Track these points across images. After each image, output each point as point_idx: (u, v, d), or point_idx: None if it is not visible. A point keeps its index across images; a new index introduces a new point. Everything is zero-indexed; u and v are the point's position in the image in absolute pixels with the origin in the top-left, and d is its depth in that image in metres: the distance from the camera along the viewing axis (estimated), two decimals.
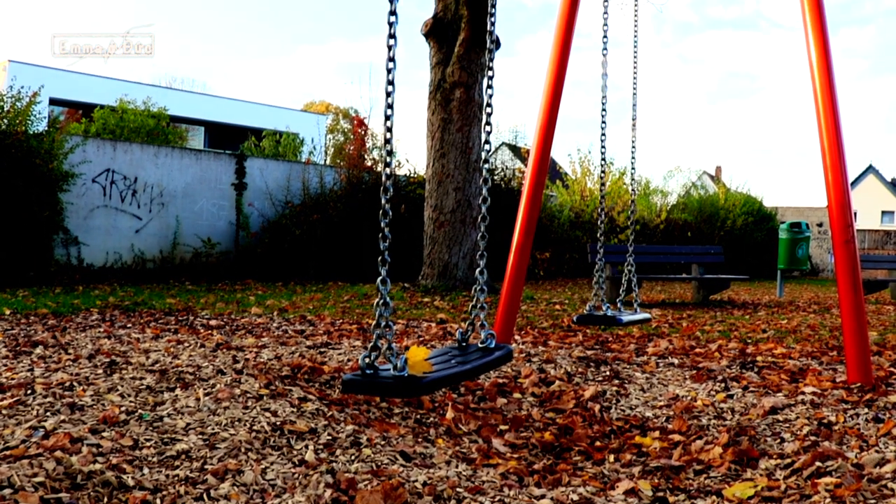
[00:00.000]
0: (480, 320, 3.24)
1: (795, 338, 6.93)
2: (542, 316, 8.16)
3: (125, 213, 11.26)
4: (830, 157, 4.61)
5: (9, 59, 24.60)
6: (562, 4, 5.60)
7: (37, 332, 5.48)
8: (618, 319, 5.08)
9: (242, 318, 6.92)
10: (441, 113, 10.24)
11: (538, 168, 5.54)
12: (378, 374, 2.62)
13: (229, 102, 32.00)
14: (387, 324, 2.68)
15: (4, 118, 9.49)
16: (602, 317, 5.06)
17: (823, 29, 4.72)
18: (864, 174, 56.60)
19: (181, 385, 3.63)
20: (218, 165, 12.44)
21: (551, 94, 5.56)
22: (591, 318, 5.11)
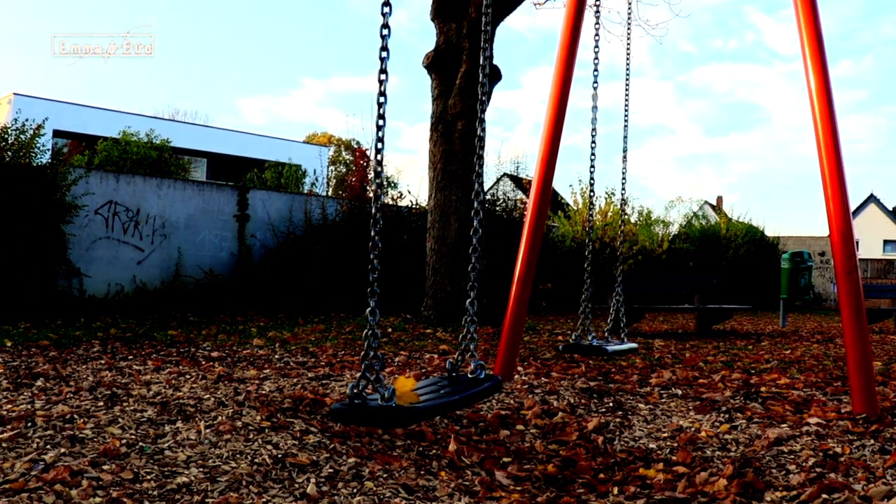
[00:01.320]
0: (470, 350, 3.24)
1: (799, 368, 6.90)
2: (544, 347, 8.13)
3: (127, 244, 11.27)
4: (831, 186, 4.62)
5: (13, 93, 24.81)
6: (561, 38, 5.65)
7: (38, 364, 5.46)
8: (603, 349, 5.09)
9: (244, 350, 6.90)
10: (443, 144, 10.28)
11: (540, 199, 5.56)
12: (366, 404, 2.62)
13: (232, 134, 32.19)
14: (375, 354, 2.69)
15: (8, 150, 9.53)
16: (587, 346, 5.07)
17: (823, 60, 4.76)
18: (865, 203, 56.67)
19: (182, 417, 3.61)
20: (220, 197, 12.47)
21: (552, 126, 5.58)
22: (577, 348, 5.12)
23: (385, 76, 2.89)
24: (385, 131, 2.92)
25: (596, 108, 5.49)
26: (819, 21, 4.83)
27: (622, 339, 5.62)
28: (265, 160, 26.81)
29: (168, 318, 9.82)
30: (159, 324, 9.09)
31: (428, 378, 3.68)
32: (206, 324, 9.36)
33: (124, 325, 8.72)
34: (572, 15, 5.67)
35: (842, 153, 4.66)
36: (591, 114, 5.46)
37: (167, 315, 10.20)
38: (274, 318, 10.44)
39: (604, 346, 5.13)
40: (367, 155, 16.77)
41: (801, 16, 4.83)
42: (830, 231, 4.64)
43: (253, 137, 32.45)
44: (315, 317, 10.74)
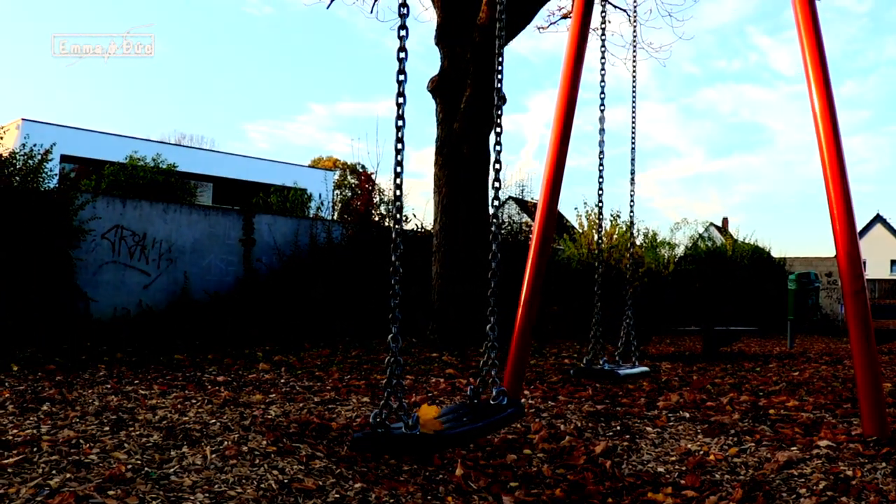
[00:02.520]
0: (492, 377, 3.22)
1: (808, 390, 6.85)
2: (551, 370, 8.10)
3: (134, 268, 11.29)
4: (837, 207, 4.61)
5: (22, 118, 24.99)
6: (565, 61, 5.67)
7: (44, 389, 5.45)
8: (615, 373, 5.05)
9: (250, 375, 6.89)
10: (448, 168, 10.30)
11: (545, 222, 5.56)
12: (389, 433, 2.60)
13: (237, 159, 32.34)
14: (398, 382, 2.67)
15: (16, 175, 9.59)
16: (599, 371, 5.04)
17: (827, 80, 4.77)
18: (872, 223, 56.55)
19: (188, 442, 3.59)
20: (226, 221, 12.50)
21: (556, 149, 5.60)
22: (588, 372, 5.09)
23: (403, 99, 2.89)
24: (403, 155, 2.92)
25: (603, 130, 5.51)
26: (822, 42, 4.85)
27: (633, 362, 5.58)
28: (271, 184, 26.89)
29: (174, 342, 9.81)
30: (165, 348, 9.08)
31: (450, 405, 3.66)
32: (212, 348, 9.34)
33: (130, 349, 8.72)
34: (575, 39, 5.70)
35: (847, 173, 4.65)
36: (599, 136, 5.48)
37: (173, 339, 10.19)
38: (280, 341, 10.43)
39: (616, 370, 5.10)
40: (371, 179, 16.82)
41: (804, 37, 4.85)
42: (837, 251, 4.63)
43: (258, 162, 32.59)
44: (321, 340, 10.72)
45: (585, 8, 5.76)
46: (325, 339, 11.01)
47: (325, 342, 10.51)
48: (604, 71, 5.54)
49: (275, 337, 11.04)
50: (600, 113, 5.50)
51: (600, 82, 5.50)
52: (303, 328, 11.85)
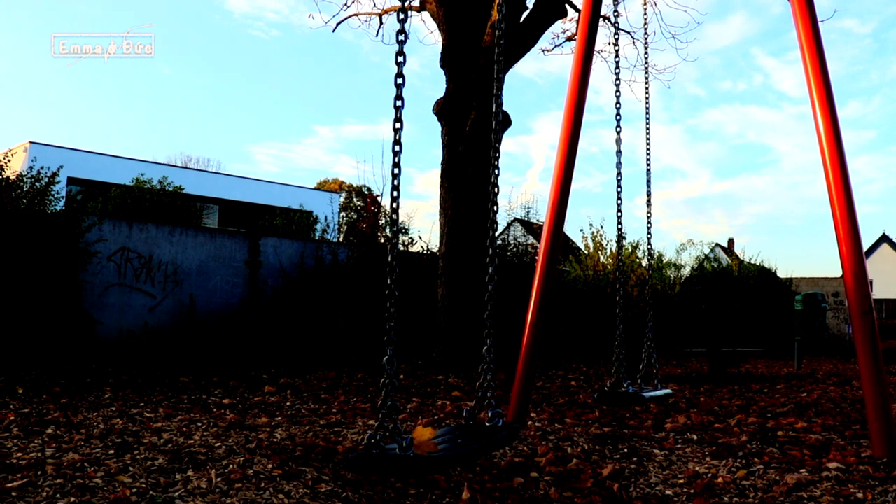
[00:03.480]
0: (488, 399, 3.21)
1: (816, 411, 6.81)
2: (557, 392, 8.06)
3: (140, 290, 11.30)
4: (843, 227, 4.61)
5: (29, 141, 25.14)
6: (570, 83, 5.70)
7: (49, 412, 5.44)
8: (640, 396, 5.00)
9: (255, 397, 6.87)
10: (453, 190, 10.32)
11: (550, 243, 5.56)
12: (384, 454, 2.59)
13: (243, 181, 32.45)
14: (393, 403, 2.67)
15: (24, 198, 9.63)
16: (624, 394, 4.98)
17: (831, 101, 4.78)
18: (878, 243, 56.36)
19: (193, 466, 3.58)
20: (232, 244, 12.52)
21: (561, 170, 5.60)
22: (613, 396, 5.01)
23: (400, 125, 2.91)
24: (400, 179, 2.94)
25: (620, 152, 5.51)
26: (825, 63, 4.86)
27: (656, 384, 5.53)
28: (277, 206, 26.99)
29: (180, 365, 9.80)
30: (171, 370, 9.07)
31: (445, 427, 3.65)
32: (218, 370, 9.33)
33: (136, 372, 8.71)
34: (580, 61, 5.72)
35: (853, 194, 4.65)
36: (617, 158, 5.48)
37: (179, 361, 10.18)
38: (285, 363, 10.41)
39: (640, 393, 5.05)
40: (377, 201, 16.85)
41: (807, 58, 4.87)
42: (844, 272, 4.61)
43: (264, 184, 32.71)
44: (326, 362, 10.70)
45: (590, 31, 5.79)
46: (330, 361, 10.98)
47: (330, 364, 10.49)
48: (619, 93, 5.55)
49: (280, 359, 11.03)
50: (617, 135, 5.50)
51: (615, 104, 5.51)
52: (308, 350, 11.83)
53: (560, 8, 10.77)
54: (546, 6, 10.53)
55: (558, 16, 10.84)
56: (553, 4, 10.56)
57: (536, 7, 10.56)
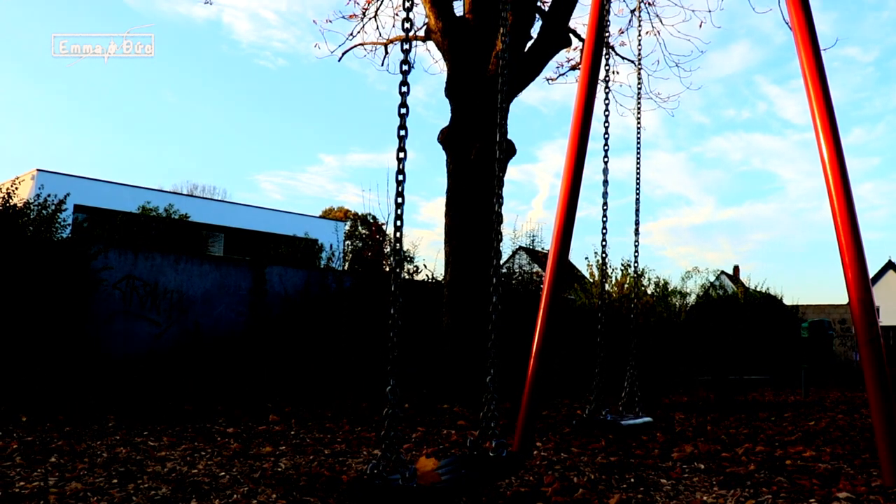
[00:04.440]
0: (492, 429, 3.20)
1: (825, 440, 6.75)
2: (563, 421, 8.02)
3: (144, 318, 11.31)
4: (849, 255, 4.60)
5: (37, 169, 25.31)
6: (574, 112, 5.72)
7: (52, 440, 5.43)
8: (617, 424, 4.98)
9: (259, 426, 6.84)
10: (458, 219, 10.33)
11: (555, 272, 5.55)
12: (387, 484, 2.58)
13: (249, 210, 32.57)
14: (396, 433, 2.66)
15: (30, 225, 9.68)
16: (601, 422, 4.96)
17: (834, 129, 4.79)
18: (884, 270, 56.14)
19: (197, 496, 3.56)
20: (237, 272, 12.54)
21: (566, 199, 5.62)
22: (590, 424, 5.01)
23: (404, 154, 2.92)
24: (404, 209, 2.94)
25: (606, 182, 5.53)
26: (828, 91, 4.88)
27: (637, 412, 5.51)
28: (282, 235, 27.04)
29: (184, 393, 9.77)
30: (175, 398, 9.04)
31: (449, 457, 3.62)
32: (222, 398, 9.30)
33: (140, 400, 8.68)
34: (584, 90, 5.75)
35: (858, 221, 4.65)
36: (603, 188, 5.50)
37: (183, 389, 10.16)
38: (290, 391, 10.38)
39: (618, 420, 5.03)
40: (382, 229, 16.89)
41: (810, 87, 4.89)
42: (850, 299, 4.60)
43: (270, 213, 32.82)
44: (331, 390, 10.66)
45: (594, 60, 5.83)
46: (335, 389, 10.95)
47: (335, 392, 10.45)
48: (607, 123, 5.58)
49: (285, 387, 11.00)
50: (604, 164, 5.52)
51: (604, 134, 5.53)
52: (313, 379, 11.80)
53: (564, 37, 10.85)
54: (550, 36, 10.61)
55: (562, 45, 10.92)
56: (557, 34, 10.65)
57: (541, 37, 10.64)
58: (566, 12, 10.66)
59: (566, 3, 10.60)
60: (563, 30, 10.75)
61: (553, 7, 10.71)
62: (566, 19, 10.76)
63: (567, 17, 10.75)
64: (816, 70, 4.91)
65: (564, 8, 10.60)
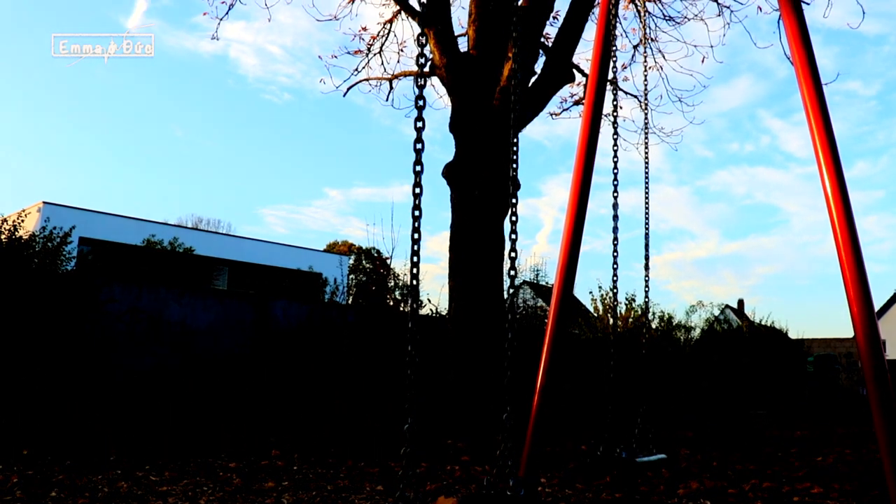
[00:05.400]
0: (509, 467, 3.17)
1: (832, 476, 6.68)
2: (567, 456, 7.95)
3: (148, 351, 11.30)
4: (854, 289, 4.58)
5: (42, 201, 25.43)
6: (578, 147, 5.75)
7: (54, 473, 5.39)
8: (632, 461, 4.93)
9: (262, 461, 6.80)
10: (462, 254, 10.32)
11: (560, 307, 5.54)
12: None
13: (253, 243, 32.64)
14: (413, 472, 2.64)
15: (35, 258, 9.71)
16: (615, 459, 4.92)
17: (837, 163, 4.80)
18: (890, 304, 55.90)
19: None
20: (241, 306, 12.54)
21: (570, 233, 5.62)
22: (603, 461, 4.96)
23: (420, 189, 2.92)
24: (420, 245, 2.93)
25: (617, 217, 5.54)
26: (831, 125, 4.90)
27: (651, 449, 5.46)
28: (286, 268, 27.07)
29: (187, 426, 9.72)
30: (178, 431, 8.99)
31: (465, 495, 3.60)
32: (224, 432, 9.24)
33: (142, 433, 8.63)
34: (587, 125, 5.78)
35: (862, 255, 4.63)
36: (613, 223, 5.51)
37: (186, 423, 10.11)
38: (293, 425, 10.31)
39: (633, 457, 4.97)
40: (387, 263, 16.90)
41: (812, 121, 4.91)
42: (856, 334, 4.57)
43: (274, 246, 32.89)
44: (334, 424, 10.59)
45: (597, 95, 5.86)
46: (339, 423, 10.87)
47: (339, 427, 10.38)
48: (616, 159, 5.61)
49: (288, 421, 10.93)
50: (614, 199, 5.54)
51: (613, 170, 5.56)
52: (316, 413, 11.73)
53: (568, 73, 10.94)
54: (554, 71, 10.69)
55: (566, 80, 11.00)
56: (561, 70, 10.74)
57: (545, 72, 10.72)
58: (570, 48, 10.76)
59: (570, 39, 10.70)
60: (566, 65, 10.84)
61: (557, 43, 10.81)
62: (570, 55, 10.86)
63: (571, 52, 10.85)
64: (818, 104, 4.93)
65: (568, 44, 10.71)
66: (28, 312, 9.26)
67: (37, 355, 9.24)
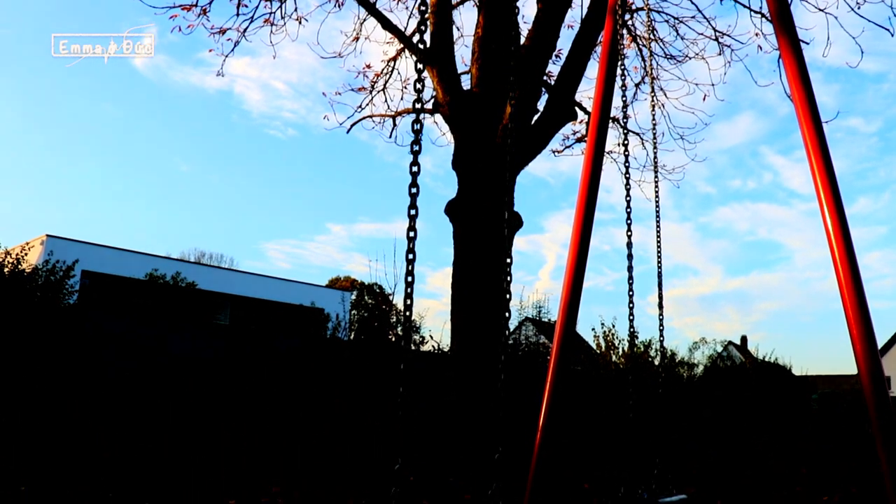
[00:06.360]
0: None
1: None
2: (570, 497, 7.89)
3: (150, 386, 11.26)
4: (856, 327, 4.57)
5: (46, 235, 25.51)
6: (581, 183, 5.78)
7: None
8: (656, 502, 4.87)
9: (263, 497, 6.76)
10: (464, 292, 10.31)
11: (562, 343, 5.53)
12: None
13: (256, 278, 32.67)
14: None
15: (38, 291, 9.74)
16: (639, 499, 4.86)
17: (838, 201, 4.82)
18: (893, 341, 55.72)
19: None
20: (243, 341, 12.53)
21: (573, 269, 5.63)
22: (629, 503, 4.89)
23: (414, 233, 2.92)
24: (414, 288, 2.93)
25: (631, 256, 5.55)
26: (831, 163, 4.92)
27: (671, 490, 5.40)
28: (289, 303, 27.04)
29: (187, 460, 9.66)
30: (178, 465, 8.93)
31: None
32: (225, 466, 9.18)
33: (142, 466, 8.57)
34: (590, 162, 5.82)
35: (865, 293, 4.63)
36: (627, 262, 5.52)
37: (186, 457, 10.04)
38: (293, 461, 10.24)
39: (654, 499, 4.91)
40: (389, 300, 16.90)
41: (813, 158, 4.94)
42: (859, 371, 4.56)
43: (277, 282, 32.91)
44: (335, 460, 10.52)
45: (599, 132, 5.91)
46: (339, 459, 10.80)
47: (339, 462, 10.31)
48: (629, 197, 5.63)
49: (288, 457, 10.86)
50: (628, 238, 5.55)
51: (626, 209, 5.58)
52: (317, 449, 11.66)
53: (570, 111, 11.02)
54: (556, 109, 10.78)
55: (568, 118, 11.08)
56: (563, 108, 10.82)
57: (547, 110, 10.81)
58: (572, 86, 10.86)
59: (572, 78, 10.80)
60: (569, 103, 10.92)
61: (559, 81, 10.91)
62: (572, 93, 10.95)
63: (573, 90, 10.94)
64: (818, 142, 4.96)
65: (570, 82, 10.80)
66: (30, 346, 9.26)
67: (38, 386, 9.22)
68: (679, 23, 13.83)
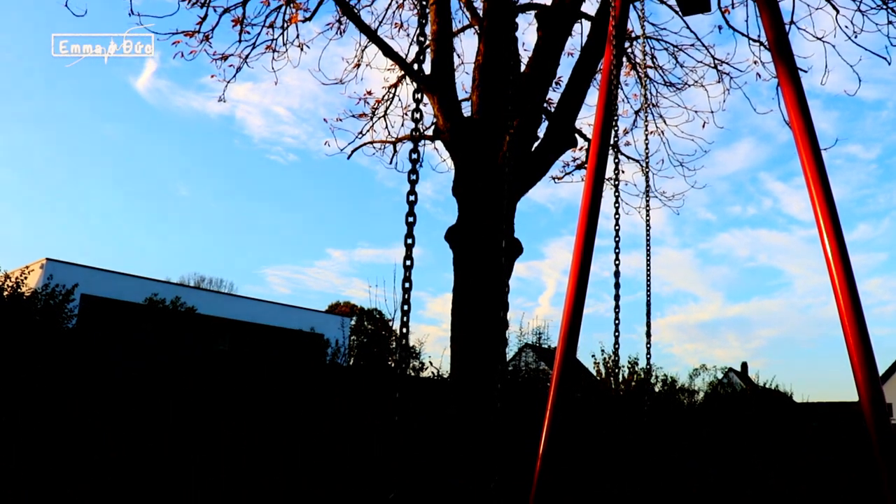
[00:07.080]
0: None
1: None
2: None
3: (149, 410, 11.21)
4: (857, 354, 4.57)
5: (46, 258, 25.49)
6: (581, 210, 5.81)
7: None
8: None
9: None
10: (464, 316, 10.28)
11: (562, 369, 5.53)
12: None
13: (256, 304, 32.62)
14: None
15: (37, 315, 9.74)
16: None
17: (837, 228, 4.84)
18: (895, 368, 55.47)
19: None
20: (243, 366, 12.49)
21: (573, 296, 5.64)
22: None
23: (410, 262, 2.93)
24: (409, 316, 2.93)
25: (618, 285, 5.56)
26: (830, 190, 4.95)
27: None
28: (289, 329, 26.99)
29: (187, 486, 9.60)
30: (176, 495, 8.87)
31: None
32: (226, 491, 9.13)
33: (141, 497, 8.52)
34: (590, 188, 5.85)
35: (865, 320, 4.64)
36: (615, 291, 5.52)
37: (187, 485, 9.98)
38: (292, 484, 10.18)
39: None
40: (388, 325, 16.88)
41: (812, 186, 4.96)
42: (860, 399, 4.55)
43: (276, 307, 32.86)
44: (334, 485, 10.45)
45: (599, 159, 5.95)
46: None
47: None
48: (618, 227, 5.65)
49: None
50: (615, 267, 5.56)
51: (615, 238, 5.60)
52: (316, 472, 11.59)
53: (570, 138, 11.05)
54: (557, 136, 10.81)
55: (568, 145, 11.12)
56: (564, 134, 10.86)
57: (547, 137, 10.84)
58: (572, 113, 10.91)
59: (572, 105, 10.85)
60: (569, 130, 10.96)
61: (559, 108, 10.96)
62: (572, 120, 10.99)
63: (573, 118, 10.99)
64: (816, 169, 5.00)
65: (570, 109, 10.85)
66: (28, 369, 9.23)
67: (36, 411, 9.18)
68: (678, 51, 13.92)
